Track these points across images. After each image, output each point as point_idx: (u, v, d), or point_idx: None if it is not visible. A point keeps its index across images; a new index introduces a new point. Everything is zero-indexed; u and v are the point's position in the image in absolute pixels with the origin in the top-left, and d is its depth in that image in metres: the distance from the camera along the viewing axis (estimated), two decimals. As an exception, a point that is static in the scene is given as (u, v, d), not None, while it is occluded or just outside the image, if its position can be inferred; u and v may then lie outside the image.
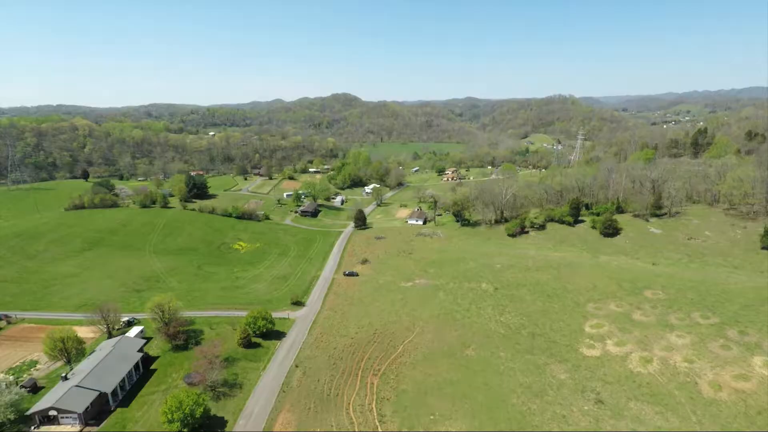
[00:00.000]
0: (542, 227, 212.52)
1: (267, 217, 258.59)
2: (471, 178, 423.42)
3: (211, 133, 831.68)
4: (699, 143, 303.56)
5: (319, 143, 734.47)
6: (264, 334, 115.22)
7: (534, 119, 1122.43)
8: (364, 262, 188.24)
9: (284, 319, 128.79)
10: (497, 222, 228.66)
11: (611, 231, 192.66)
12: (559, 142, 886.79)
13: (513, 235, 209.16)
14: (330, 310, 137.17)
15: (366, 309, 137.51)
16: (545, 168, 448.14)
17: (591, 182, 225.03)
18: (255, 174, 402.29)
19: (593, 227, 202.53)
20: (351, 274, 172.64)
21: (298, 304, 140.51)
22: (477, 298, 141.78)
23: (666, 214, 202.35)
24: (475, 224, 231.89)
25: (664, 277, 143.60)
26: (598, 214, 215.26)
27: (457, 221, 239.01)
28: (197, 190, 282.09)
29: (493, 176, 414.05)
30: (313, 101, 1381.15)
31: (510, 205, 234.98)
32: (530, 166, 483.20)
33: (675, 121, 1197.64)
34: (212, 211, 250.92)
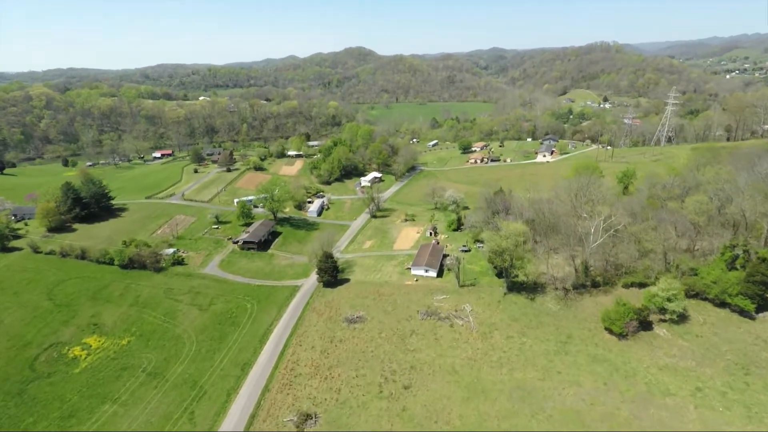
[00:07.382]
0: (682, 317, 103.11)
1: (179, 261, 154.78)
2: (508, 160, 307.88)
3: (201, 98, 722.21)
4: None
5: (318, 108, 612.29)
6: None
7: (573, 72, 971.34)
8: (303, 421, 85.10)
9: None
10: (577, 288, 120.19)
11: None
12: (606, 100, 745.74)
13: (623, 336, 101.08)
14: None
15: None
16: (610, 145, 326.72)
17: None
18: (212, 162, 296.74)
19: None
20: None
21: None
22: None
23: None
24: (534, 288, 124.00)
25: None
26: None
27: (500, 276, 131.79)
28: (83, 209, 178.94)
29: (540, 158, 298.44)
30: (326, 57, 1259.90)
31: (599, 249, 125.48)
32: (587, 140, 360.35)
33: (738, 69, 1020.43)
34: (82, 256, 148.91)
